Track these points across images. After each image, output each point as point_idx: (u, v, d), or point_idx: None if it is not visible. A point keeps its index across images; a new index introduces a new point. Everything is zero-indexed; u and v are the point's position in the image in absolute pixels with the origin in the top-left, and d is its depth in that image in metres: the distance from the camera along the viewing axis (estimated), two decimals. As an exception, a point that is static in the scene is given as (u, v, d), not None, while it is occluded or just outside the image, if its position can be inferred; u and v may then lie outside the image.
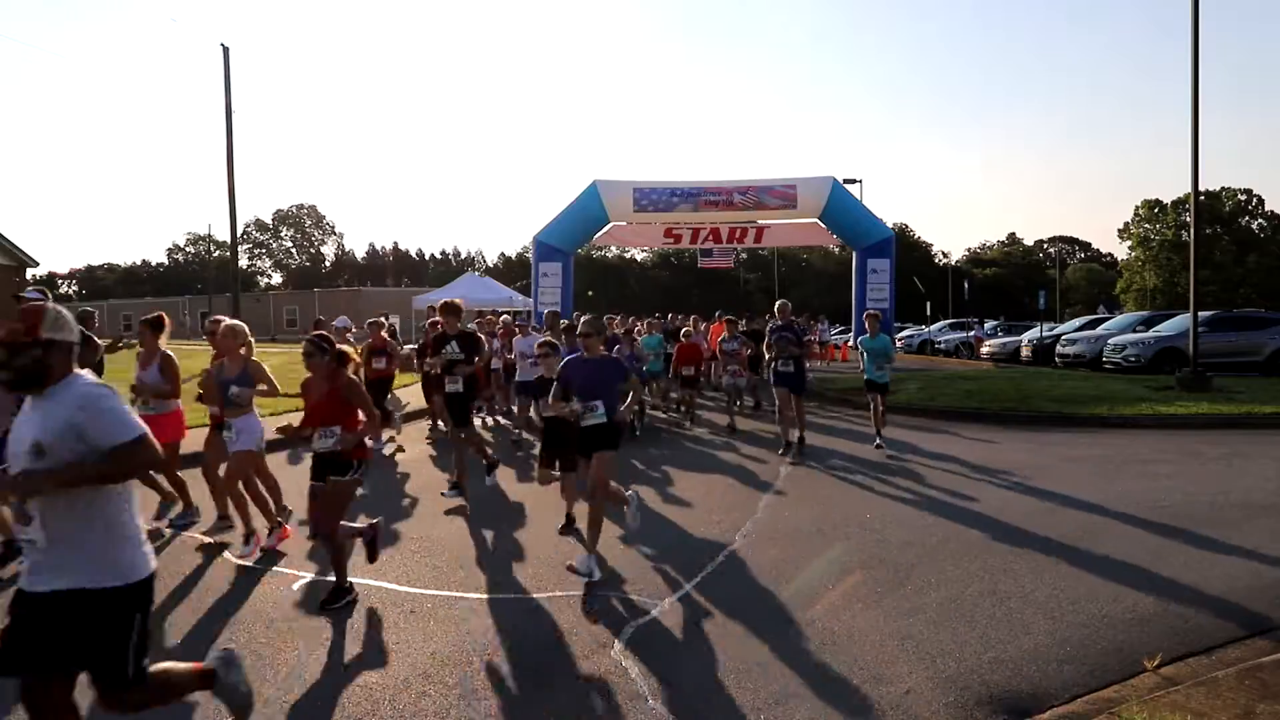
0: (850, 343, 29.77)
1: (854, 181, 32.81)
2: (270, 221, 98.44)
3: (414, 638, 4.53)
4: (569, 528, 6.61)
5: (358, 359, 5.54)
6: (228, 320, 6.60)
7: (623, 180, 30.16)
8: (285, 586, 5.41)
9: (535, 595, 5.16)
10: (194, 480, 6.99)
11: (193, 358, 13.08)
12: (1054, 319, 37.13)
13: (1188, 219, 52.12)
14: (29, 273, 32.32)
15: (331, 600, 4.96)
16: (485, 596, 5.16)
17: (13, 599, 2.74)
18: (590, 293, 55.06)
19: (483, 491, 8.07)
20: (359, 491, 5.40)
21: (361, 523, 5.45)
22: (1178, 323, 20.63)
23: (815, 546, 6.14)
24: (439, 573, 5.64)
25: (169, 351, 6.65)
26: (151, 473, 6.46)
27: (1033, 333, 26.41)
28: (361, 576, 5.48)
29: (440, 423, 11.36)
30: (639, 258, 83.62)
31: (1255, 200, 61.05)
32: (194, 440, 7.49)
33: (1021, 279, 74.72)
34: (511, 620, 4.76)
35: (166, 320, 6.85)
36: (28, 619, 2.68)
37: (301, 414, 5.23)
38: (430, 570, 5.70)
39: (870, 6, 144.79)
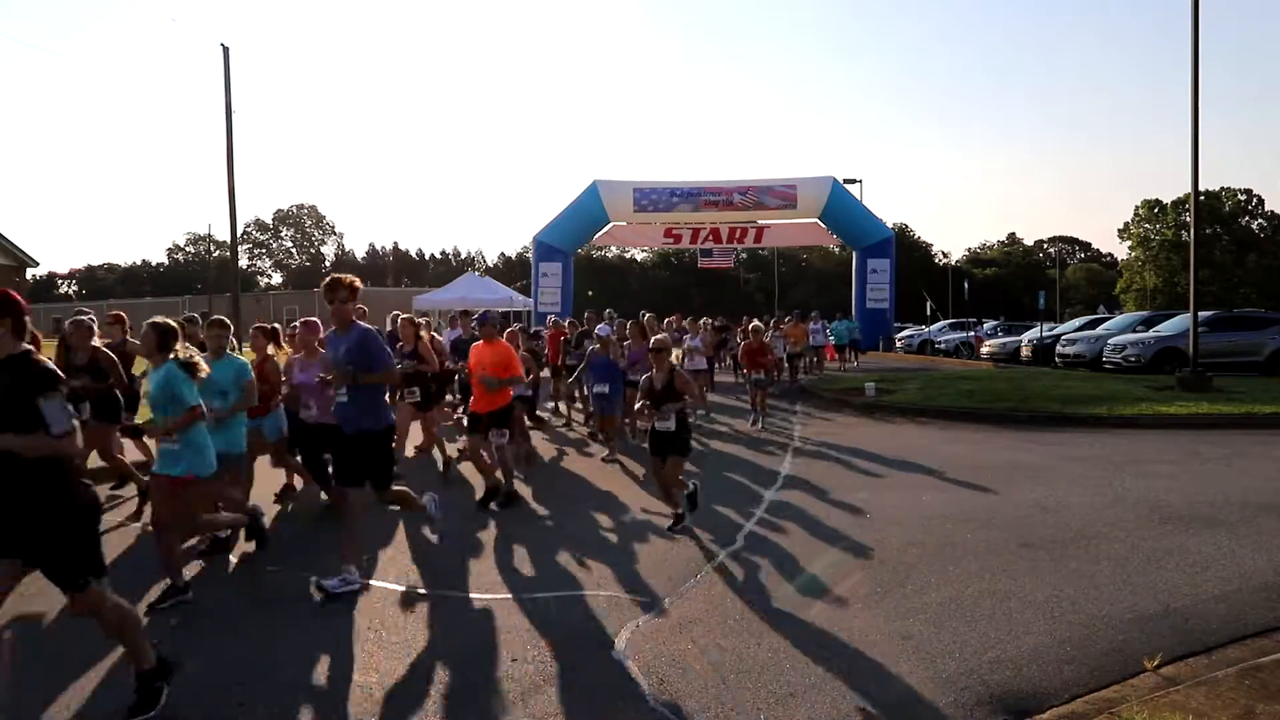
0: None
1: (854, 181, 32.87)
2: (270, 221, 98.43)
3: (414, 638, 4.53)
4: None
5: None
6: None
7: (623, 180, 30.20)
8: (284, 586, 5.41)
9: (535, 595, 5.16)
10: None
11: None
12: (1054, 319, 37.11)
13: (1188, 219, 52.11)
14: (29, 273, 32.31)
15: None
16: (485, 596, 5.16)
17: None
18: (590, 293, 54.97)
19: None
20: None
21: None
22: (1178, 323, 20.62)
23: (815, 546, 6.14)
24: (439, 573, 5.64)
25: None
26: None
27: (1033, 333, 26.40)
28: (361, 577, 5.48)
29: None
30: (639, 258, 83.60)
31: (1255, 200, 61.06)
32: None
33: (1021, 279, 74.69)
34: (511, 620, 4.76)
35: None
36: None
37: None
38: (430, 570, 5.70)
39: (870, 6, 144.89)
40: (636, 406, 6.94)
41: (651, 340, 7.04)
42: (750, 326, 13.79)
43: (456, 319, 12.25)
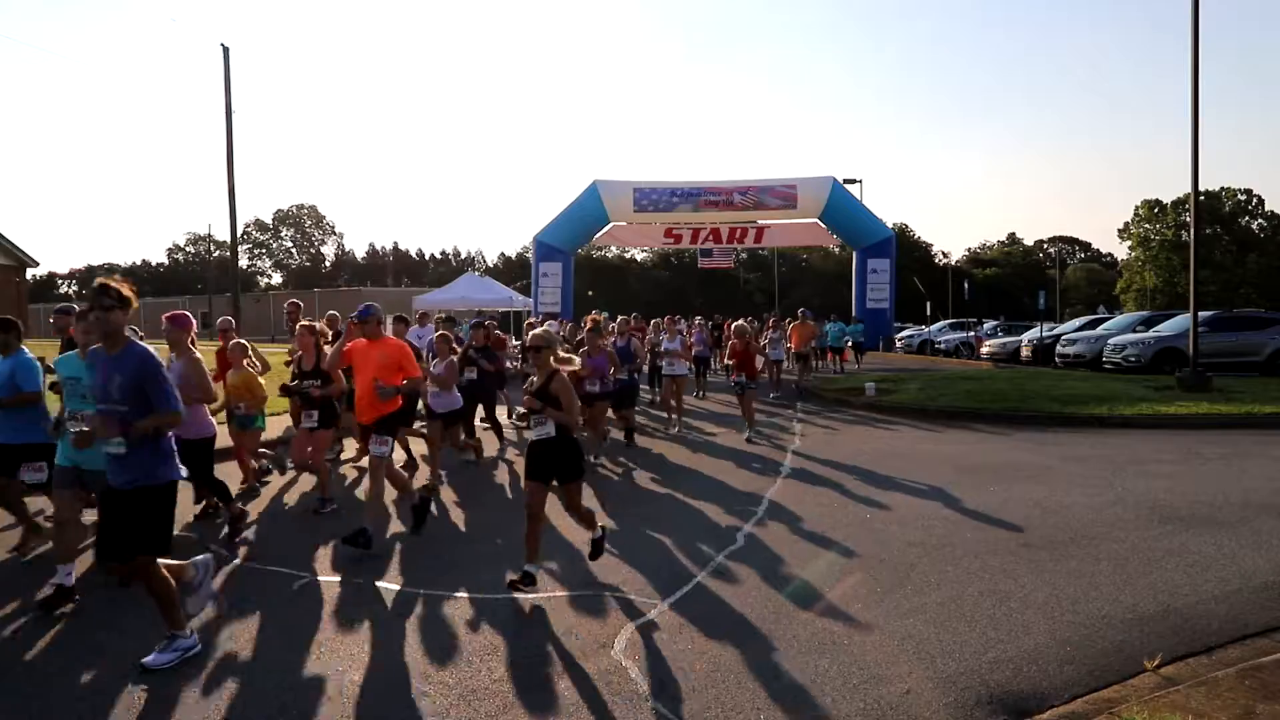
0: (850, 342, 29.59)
1: (854, 181, 32.88)
2: (270, 221, 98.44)
3: (413, 638, 4.53)
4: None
5: None
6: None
7: (623, 180, 30.22)
8: (284, 586, 5.41)
9: (535, 595, 5.16)
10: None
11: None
12: (1054, 319, 37.12)
13: (1188, 219, 52.12)
14: (29, 273, 32.34)
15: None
16: (484, 596, 5.16)
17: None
18: (590, 292, 54.99)
19: (481, 493, 8.06)
20: None
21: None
22: (1178, 323, 20.63)
23: (815, 546, 6.14)
24: (437, 573, 5.64)
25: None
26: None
27: (1033, 333, 26.40)
28: (361, 577, 5.49)
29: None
30: (639, 258, 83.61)
31: (1255, 200, 61.11)
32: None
33: (1021, 279, 74.66)
34: (511, 620, 4.76)
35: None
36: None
37: None
38: (428, 570, 5.70)
39: (870, 6, 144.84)
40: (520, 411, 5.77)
41: (529, 336, 5.57)
42: (734, 327, 11.84)
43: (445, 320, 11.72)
